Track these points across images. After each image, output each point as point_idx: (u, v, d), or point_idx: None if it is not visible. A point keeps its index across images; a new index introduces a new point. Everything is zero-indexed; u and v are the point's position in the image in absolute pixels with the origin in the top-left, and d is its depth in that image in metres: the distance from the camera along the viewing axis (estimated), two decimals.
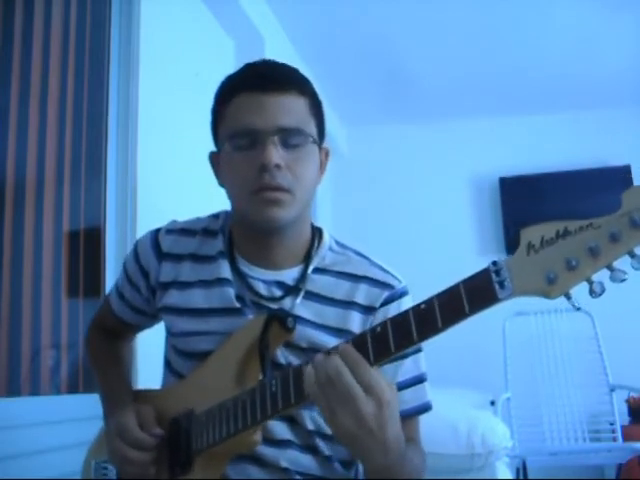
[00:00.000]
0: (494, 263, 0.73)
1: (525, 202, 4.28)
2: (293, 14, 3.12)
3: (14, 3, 1.71)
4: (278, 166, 0.97)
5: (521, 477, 2.97)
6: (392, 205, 4.50)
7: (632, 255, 0.66)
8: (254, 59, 1.09)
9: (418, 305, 0.78)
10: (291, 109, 1.00)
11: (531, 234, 0.71)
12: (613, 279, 0.67)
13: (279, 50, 3.15)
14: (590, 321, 3.46)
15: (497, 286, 0.71)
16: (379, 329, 0.80)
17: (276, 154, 0.97)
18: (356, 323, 1.05)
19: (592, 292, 0.68)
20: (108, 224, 2.00)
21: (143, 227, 1.24)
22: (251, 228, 1.06)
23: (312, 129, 1.03)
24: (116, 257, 1.96)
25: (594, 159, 4.28)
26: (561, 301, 0.72)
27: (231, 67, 1.10)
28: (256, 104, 0.99)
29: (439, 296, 0.76)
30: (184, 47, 2.37)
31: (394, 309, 1.06)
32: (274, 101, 0.99)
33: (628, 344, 3.76)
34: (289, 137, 0.99)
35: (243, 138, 0.99)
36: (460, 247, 4.26)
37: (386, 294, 1.07)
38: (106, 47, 2.08)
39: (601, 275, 0.69)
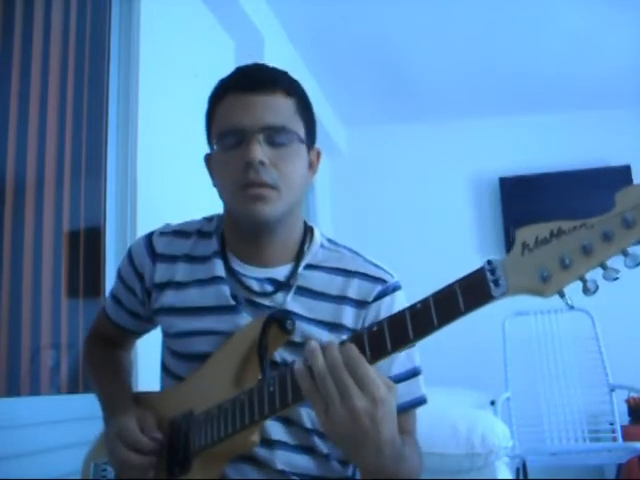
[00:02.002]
0: (489, 262, 0.74)
1: (525, 202, 4.28)
2: (293, 14, 3.12)
3: (14, 3, 1.71)
4: (262, 163, 0.99)
5: (521, 477, 2.97)
6: (392, 205, 4.50)
7: (625, 254, 0.67)
8: (254, 59, 1.10)
9: (414, 304, 0.79)
10: (277, 108, 1.02)
11: (526, 234, 0.73)
12: (606, 277, 0.69)
13: (279, 50, 3.15)
14: (590, 321, 3.46)
15: (492, 284, 0.73)
16: (376, 328, 0.80)
17: (260, 151, 0.99)
18: (349, 318, 1.06)
19: (586, 290, 0.69)
20: (108, 224, 2.00)
21: (143, 227, 1.24)
22: (242, 226, 1.07)
23: (299, 129, 1.05)
24: (116, 257, 1.96)
25: (594, 159, 4.28)
26: (561, 301, 0.72)
27: (231, 67, 1.11)
28: (243, 103, 1.01)
29: (435, 295, 0.77)
30: (184, 47, 2.37)
31: (387, 304, 1.07)
32: (260, 100, 1.01)
33: (628, 344, 3.76)
34: (274, 135, 1.01)
35: (230, 137, 1.01)
36: (460, 247, 4.26)
37: (379, 288, 1.08)
38: (106, 47, 2.08)
39: (596, 274, 0.69)
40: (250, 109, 1.00)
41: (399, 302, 1.08)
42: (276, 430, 1.03)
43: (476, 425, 2.29)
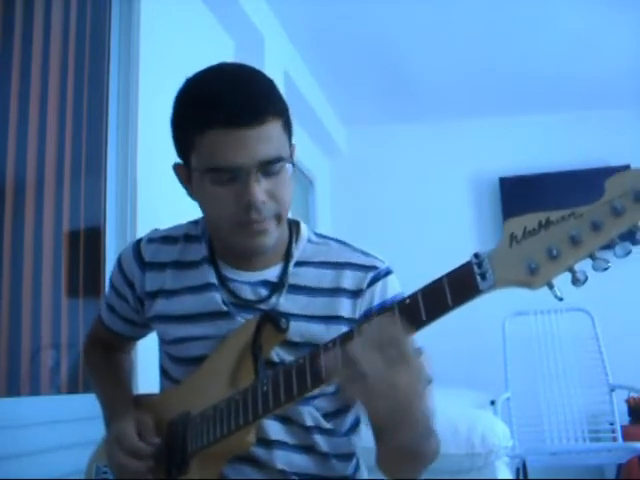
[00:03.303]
0: (476, 255, 0.73)
1: (525, 202, 4.27)
2: (293, 14, 3.12)
3: (14, 3, 1.71)
4: (263, 202, 0.95)
5: (521, 477, 2.97)
6: (392, 205, 4.50)
7: (614, 244, 0.66)
8: (254, 59, 1.09)
9: (403, 299, 0.78)
10: (270, 138, 0.95)
11: (514, 225, 0.71)
12: (595, 268, 0.67)
13: (279, 50, 3.15)
14: (590, 321, 3.46)
15: (479, 278, 0.71)
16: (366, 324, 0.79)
17: (260, 190, 0.94)
18: (346, 309, 1.05)
19: (575, 281, 0.67)
20: (108, 224, 2.00)
21: (143, 227, 1.24)
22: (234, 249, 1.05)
23: (288, 147, 1.00)
24: (116, 257, 1.96)
25: (594, 159, 4.28)
26: (561, 300, 0.71)
27: None
28: (234, 139, 0.93)
29: (423, 290, 0.76)
30: (184, 47, 2.37)
31: (379, 288, 1.07)
32: (254, 135, 0.93)
33: (628, 344, 3.76)
34: (270, 167, 0.96)
35: (223, 174, 0.95)
36: (460, 247, 4.23)
37: (371, 275, 1.07)
38: (106, 47, 2.08)
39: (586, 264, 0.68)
40: (244, 146, 0.93)
41: (392, 286, 1.08)
42: (275, 430, 1.03)
43: (476, 425, 2.29)
